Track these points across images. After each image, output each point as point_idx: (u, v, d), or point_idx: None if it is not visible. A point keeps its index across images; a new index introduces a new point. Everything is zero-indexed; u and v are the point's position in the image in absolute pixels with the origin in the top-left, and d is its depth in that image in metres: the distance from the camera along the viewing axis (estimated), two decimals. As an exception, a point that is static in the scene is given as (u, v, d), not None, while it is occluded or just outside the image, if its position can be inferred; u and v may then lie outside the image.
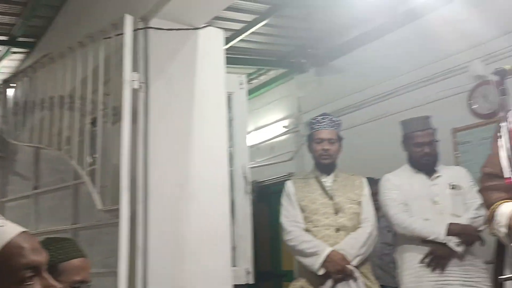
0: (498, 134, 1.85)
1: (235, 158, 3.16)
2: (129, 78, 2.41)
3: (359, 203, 2.74)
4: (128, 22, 2.45)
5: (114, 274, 2.21)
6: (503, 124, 1.57)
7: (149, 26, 2.57)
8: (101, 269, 2.44)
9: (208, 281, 2.50)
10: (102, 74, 2.65)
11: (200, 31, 2.74)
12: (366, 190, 2.81)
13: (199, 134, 2.66)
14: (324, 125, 2.80)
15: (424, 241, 2.60)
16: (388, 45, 4.76)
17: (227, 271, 2.62)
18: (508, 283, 1.70)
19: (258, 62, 5.32)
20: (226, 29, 4.38)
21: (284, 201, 2.86)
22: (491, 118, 3.89)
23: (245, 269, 3.01)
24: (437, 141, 2.83)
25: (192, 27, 2.71)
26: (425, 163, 2.78)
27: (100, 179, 2.51)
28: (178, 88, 2.66)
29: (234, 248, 2.93)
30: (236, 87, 3.25)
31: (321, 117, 2.86)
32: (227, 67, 2.90)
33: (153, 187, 2.45)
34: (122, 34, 2.45)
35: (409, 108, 4.16)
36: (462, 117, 4.10)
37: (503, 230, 1.72)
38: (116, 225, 2.27)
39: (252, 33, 4.71)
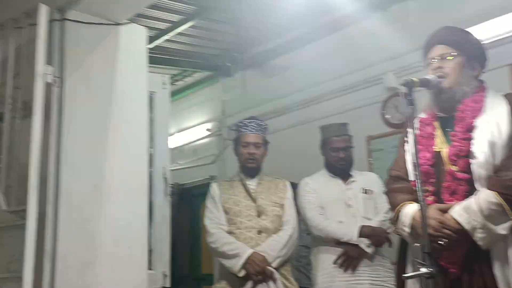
0: (405, 139, 1.97)
1: (156, 159, 3.10)
2: (42, 71, 2.28)
3: (281, 206, 2.80)
4: (43, 12, 2.32)
5: (18, 279, 2.07)
6: (409, 131, 1.67)
7: (66, 18, 2.46)
8: (5, 274, 2.28)
9: (122, 286, 2.42)
10: (11, 66, 2.48)
11: (122, 27, 2.66)
12: (289, 193, 2.87)
13: (118, 133, 2.58)
14: (250, 129, 2.84)
15: (338, 242, 2.71)
16: (311, 53, 4.91)
17: (143, 274, 2.55)
18: (409, 280, 1.81)
19: (183, 64, 5.26)
20: (150, 28, 4.30)
21: (208, 203, 2.86)
22: (402, 127, 4.15)
23: (162, 273, 2.95)
24: (352, 147, 2.96)
25: (113, 23, 2.63)
26: (340, 167, 2.90)
27: (5, 178, 2.35)
28: (96, 85, 2.56)
29: (151, 251, 2.86)
30: (159, 86, 3.19)
31: (248, 120, 2.89)
32: (151, 66, 2.84)
33: (65, 186, 2.34)
34: (35, 24, 2.31)
35: (329, 115, 4.32)
36: (376, 126, 4.33)
37: (407, 229, 1.83)
38: (22, 227, 2.13)
39: (178, 33, 4.66)
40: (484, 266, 1.67)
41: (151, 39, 4.51)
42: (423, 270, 1.50)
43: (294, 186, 3.09)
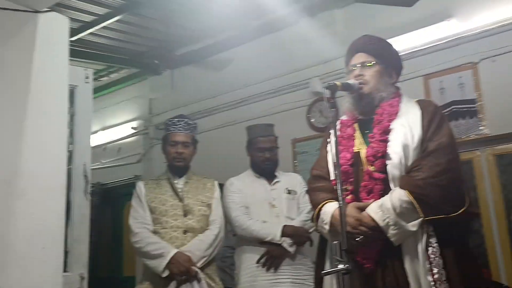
0: (328, 140, 2.05)
1: (76, 157, 2.95)
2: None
3: (209, 206, 2.78)
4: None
5: None
6: (331, 132, 1.73)
7: (-23, 2, 2.28)
8: None
9: (35, 288, 2.28)
10: None
11: (41, 15, 2.51)
12: (217, 193, 2.87)
13: (34, 127, 2.43)
14: (179, 128, 2.80)
15: (261, 242, 2.74)
16: (241, 55, 4.95)
17: (58, 277, 2.42)
18: (327, 277, 1.87)
19: (109, 59, 5.09)
20: (74, 20, 4.12)
21: (134, 202, 2.79)
22: (326, 131, 4.29)
23: (79, 275, 2.81)
24: (277, 147, 3.01)
25: (32, 10, 2.47)
26: (266, 167, 2.94)
27: None
28: (11, 75, 2.40)
29: (67, 252, 2.72)
30: (81, 80, 3.05)
31: (177, 119, 2.85)
32: (74, 60, 2.72)
33: (-28, 183, 2.16)
34: None
35: (257, 117, 4.37)
36: (301, 129, 4.45)
37: (327, 227, 1.90)
38: None
39: (104, 27, 4.50)
40: (396, 261, 1.77)
41: (74, 32, 4.32)
42: (340, 266, 1.56)
43: (221, 186, 3.10)
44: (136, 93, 5.76)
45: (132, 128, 5.64)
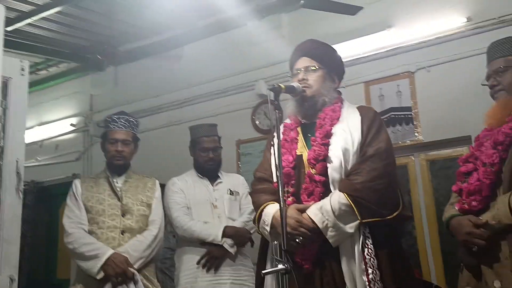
0: (271, 143, 2.07)
1: (7, 153, 2.78)
2: None
3: (149, 206, 2.71)
4: None
5: None
6: (275, 135, 1.75)
7: None
8: None
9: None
10: None
11: (-26, 2, 2.37)
12: (158, 193, 2.79)
13: (-39, 120, 2.28)
14: (119, 125, 2.71)
15: (202, 243, 2.72)
16: (188, 54, 4.91)
17: (-16, 279, 2.29)
18: (268, 277, 1.89)
19: (48, 52, 4.86)
20: (10, 9, 3.91)
21: (68, 200, 2.68)
22: (270, 133, 4.34)
23: (9, 277, 2.66)
24: (221, 147, 3.01)
25: (-37, -4, 2.33)
26: (209, 168, 2.93)
27: None
28: None
29: (-4, 254, 2.58)
30: (16, 72, 2.88)
31: (117, 116, 2.75)
32: (10, 51, 2.57)
33: None
34: None
35: (202, 117, 4.35)
36: (246, 131, 4.47)
37: (268, 228, 1.92)
38: None
39: (44, 18, 4.31)
40: (333, 261, 1.82)
41: (11, 21, 4.11)
42: (280, 266, 1.58)
43: (163, 186, 3.05)
44: (76, 89, 5.56)
45: (71, 125, 5.44)
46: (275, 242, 1.70)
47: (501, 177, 1.75)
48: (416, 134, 3.70)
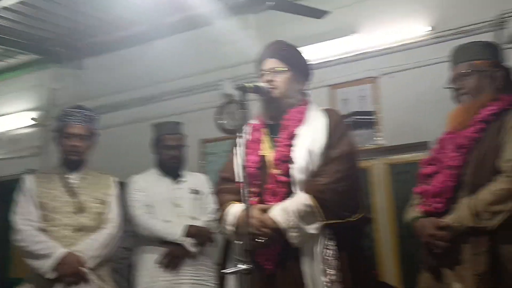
0: (237, 143, 2.06)
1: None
2: None
3: (105, 203, 2.62)
4: None
5: None
6: (240, 135, 1.75)
7: None
8: None
9: None
10: None
11: None
12: (115, 190, 2.71)
13: None
14: (75, 119, 2.61)
15: (163, 242, 2.69)
16: (154, 51, 4.84)
17: None
18: (231, 279, 1.88)
19: (7, 42, 4.68)
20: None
21: (19, 197, 2.56)
22: (235, 133, 4.33)
23: (-42, 275, 2.56)
24: (185, 146, 2.98)
25: None
26: (172, 166, 2.90)
27: None
28: None
29: None
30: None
31: (74, 110, 2.65)
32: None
33: None
34: None
35: (167, 115, 4.27)
36: (210, 130, 4.44)
37: (231, 228, 1.92)
38: None
39: (4, 8, 4.15)
40: (295, 262, 1.83)
41: (-33, 9, 3.94)
42: (242, 266, 1.58)
43: (125, 185, 2.99)
44: (36, 82, 5.38)
45: (32, 119, 5.26)
46: (238, 242, 1.70)
47: (463, 180, 1.80)
48: (378, 138, 3.77)
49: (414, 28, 3.74)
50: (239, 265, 1.58)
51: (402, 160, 3.80)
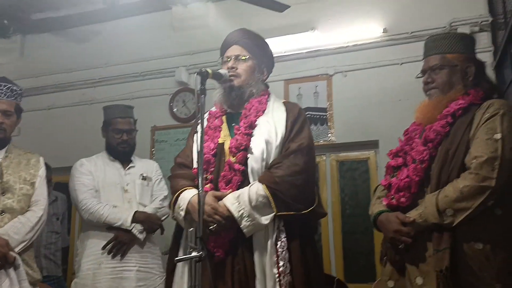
0: (195, 130, 2.03)
1: None
2: None
3: (32, 184, 2.43)
4: None
5: None
6: (199, 122, 1.70)
7: None
8: None
9: None
10: None
11: None
12: (42, 171, 2.51)
13: None
14: (1, 94, 2.39)
15: (109, 228, 2.60)
16: (106, 32, 4.68)
17: None
18: (179, 265, 1.85)
19: None
20: None
21: None
22: (187, 122, 4.28)
23: None
24: (136, 130, 2.89)
25: None
26: (121, 150, 2.80)
27: None
28: None
29: None
30: None
31: None
32: None
33: None
34: None
35: (116, 99, 4.16)
36: (162, 117, 4.36)
37: (182, 213, 1.89)
38: None
39: None
40: (246, 251, 1.82)
41: None
42: (193, 253, 1.55)
43: (68, 169, 2.86)
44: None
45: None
46: (191, 229, 1.67)
47: (429, 175, 1.77)
48: (329, 135, 3.85)
49: (369, 29, 3.85)
50: (191, 252, 1.55)
51: (351, 158, 3.90)
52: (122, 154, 2.81)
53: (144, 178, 2.82)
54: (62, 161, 3.77)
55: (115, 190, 2.72)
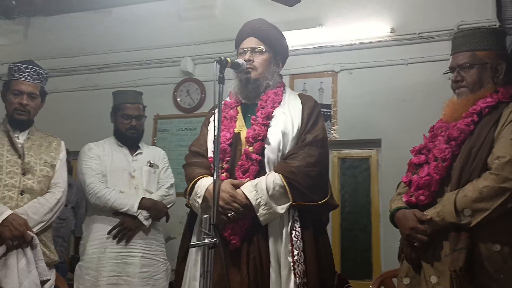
0: (209, 120, 2.04)
1: None
2: None
3: (52, 167, 2.47)
4: None
5: None
6: (216, 111, 1.70)
7: None
8: None
9: None
10: None
11: None
12: (63, 154, 2.55)
13: None
14: (26, 75, 2.42)
15: (115, 213, 2.61)
16: (112, 18, 4.66)
17: None
18: (192, 251, 1.87)
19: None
20: None
21: None
22: (190, 112, 4.29)
23: None
24: (145, 117, 2.90)
25: None
26: (130, 136, 2.80)
27: None
28: None
29: None
30: None
31: (25, 65, 2.45)
32: None
33: None
34: None
35: (120, 86, 4.12)
36: (166, 106, 4.35)
37: (199, 200, 1.90)
38: None
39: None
40: (262, 239, 1.84)
41: None
42: (208, 240, 1.56)
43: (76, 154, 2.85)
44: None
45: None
46: (205, 216, 1.68)
47: (450, 174, 1.74)
48: (332, 131, 3.87)
49: (376, 28, 3.86)
50: (205, 238, 1.57)
51: (353, 155, 3.93)
52: (131, 140, 2.82)
53: (151, 165, 2.82)
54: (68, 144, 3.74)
55: (122, 175, 2.72)
